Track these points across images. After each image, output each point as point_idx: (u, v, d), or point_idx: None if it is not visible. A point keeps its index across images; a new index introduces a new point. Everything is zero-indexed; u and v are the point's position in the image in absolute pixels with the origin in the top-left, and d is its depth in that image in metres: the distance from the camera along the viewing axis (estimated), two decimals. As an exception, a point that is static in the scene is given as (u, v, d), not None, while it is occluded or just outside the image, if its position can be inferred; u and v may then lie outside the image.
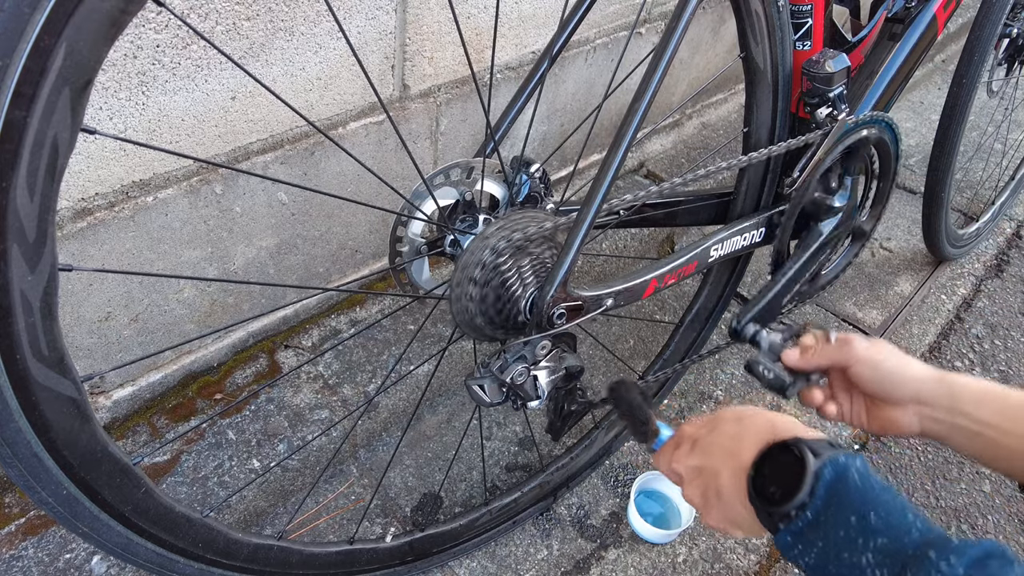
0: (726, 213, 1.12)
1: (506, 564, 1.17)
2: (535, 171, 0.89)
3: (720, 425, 0.70)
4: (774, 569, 1.22)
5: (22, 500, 1.08)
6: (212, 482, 1.14)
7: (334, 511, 1.20)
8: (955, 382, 0.68)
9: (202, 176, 1.06)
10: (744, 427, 0.66)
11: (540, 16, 1.42)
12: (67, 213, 0.95)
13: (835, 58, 0.96)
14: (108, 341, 1.10)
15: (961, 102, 1.51)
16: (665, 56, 0.76)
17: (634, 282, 0.90)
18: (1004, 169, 2.20)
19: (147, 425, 1.20)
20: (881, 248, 1.94)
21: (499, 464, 1.32)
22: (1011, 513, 1.35)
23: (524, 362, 0.81)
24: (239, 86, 1.02)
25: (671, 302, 1.72)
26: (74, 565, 1.02)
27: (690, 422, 0.76)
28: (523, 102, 0.96)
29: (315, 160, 1.19)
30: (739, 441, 0.65)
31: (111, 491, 0.65)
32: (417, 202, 0.81)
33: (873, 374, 0.73)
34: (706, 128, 2.23)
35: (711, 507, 0.67)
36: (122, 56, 0.87)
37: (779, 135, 1.04)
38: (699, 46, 1.98)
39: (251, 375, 1.30)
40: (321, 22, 1.05)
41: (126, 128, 0.93)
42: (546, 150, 1.70)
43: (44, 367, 0.55)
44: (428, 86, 1.29)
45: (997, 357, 1.67)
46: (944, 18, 1.12)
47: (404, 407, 1.34)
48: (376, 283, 1.51)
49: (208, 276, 1.17)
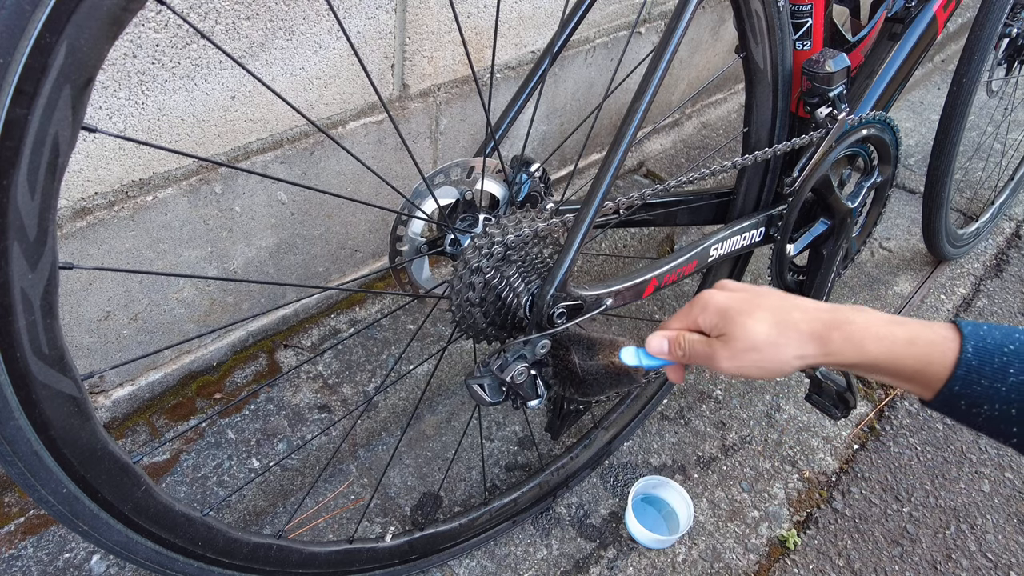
0: (726, 213, 1.12)
1: (505, 564, 1.17)
2: (535, 170, 0.89)
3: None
4: (774, 569, 1.22)
5: (22, 499, 1.08)
6: (212, 481, 1.14)
7: (333, 510, 1.20)
8: (839, 359, 0.63)
9: (202, 175, 1.06)
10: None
11: (540, 16, 1.42)
12: (67, 212, 0.95)
13: (835, 58, 0.97)
14: (107, 340, 1.10)
15: (961, 102, 1.51)
16: (665, 56, 0.76)
17: (634, 281, 0.90)
18: (1004, 169, 2.20)
19: (146, 424, 1.20)
20: (881, 248, 1.94)
21: (499, 464, 1.32)
22: (1011, 513, 1.35)
23: (524, 361, 0.81)
24: (239, 85, 1.02)
25: (671, 302, 1.72)
26: (73, 564, 1.02)
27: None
28: (523, 102, 0.96)
29: (315, 159, 1.19)
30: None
31: (111, 490, 0.65)
32: (417, 201, 0.82)
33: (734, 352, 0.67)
34: (706, 128, 2.23)
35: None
36: (122, 55, 0.87)
37: (779, 135, 1.04)
38: (699, 46, 1.98)
39: (251, 374, 1.30)
40: (321, 21, 1.05)
41: (126, 127, 0.93)
42: (546, 150, 1.70)
43: (44, 365, 0.55)
44: (428, 85, 1.29)
45: (996, 357, 1.67)
46: (944, 18, 1.12)
47: (404, 407, 1.34)
48: (376, 282, 1.51)
49: (208, 275, 1.17)
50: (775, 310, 0.65)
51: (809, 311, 0.65)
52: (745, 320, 0.65)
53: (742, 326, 0.65)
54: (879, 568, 1.24)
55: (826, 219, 1.16)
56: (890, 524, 1.31)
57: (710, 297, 0.69)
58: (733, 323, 0.66)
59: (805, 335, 0.64)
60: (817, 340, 0.63)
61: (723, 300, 0.68)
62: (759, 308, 0.66)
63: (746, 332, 0.65)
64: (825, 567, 1.24)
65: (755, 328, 0.64)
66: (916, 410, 1.53)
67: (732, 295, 0.68)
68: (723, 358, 0.66)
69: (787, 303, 0.66)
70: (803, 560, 1.24)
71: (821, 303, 0.67)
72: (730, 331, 0.66)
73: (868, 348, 0.61)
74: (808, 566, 1.23)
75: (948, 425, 1.50)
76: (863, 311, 0.64)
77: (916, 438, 1.48)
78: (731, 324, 0.66)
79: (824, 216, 1.16)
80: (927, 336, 0.60)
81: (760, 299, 0.67)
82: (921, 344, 0.60)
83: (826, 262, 1.17)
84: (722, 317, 0.67)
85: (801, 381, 1.53)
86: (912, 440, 1.47)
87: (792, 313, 0.65)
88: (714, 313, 0.68)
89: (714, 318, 0.68)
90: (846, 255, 1.23)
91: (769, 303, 0.66)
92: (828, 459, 1.40)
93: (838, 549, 1.27)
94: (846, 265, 1.30)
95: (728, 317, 0.66)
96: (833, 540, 1.28)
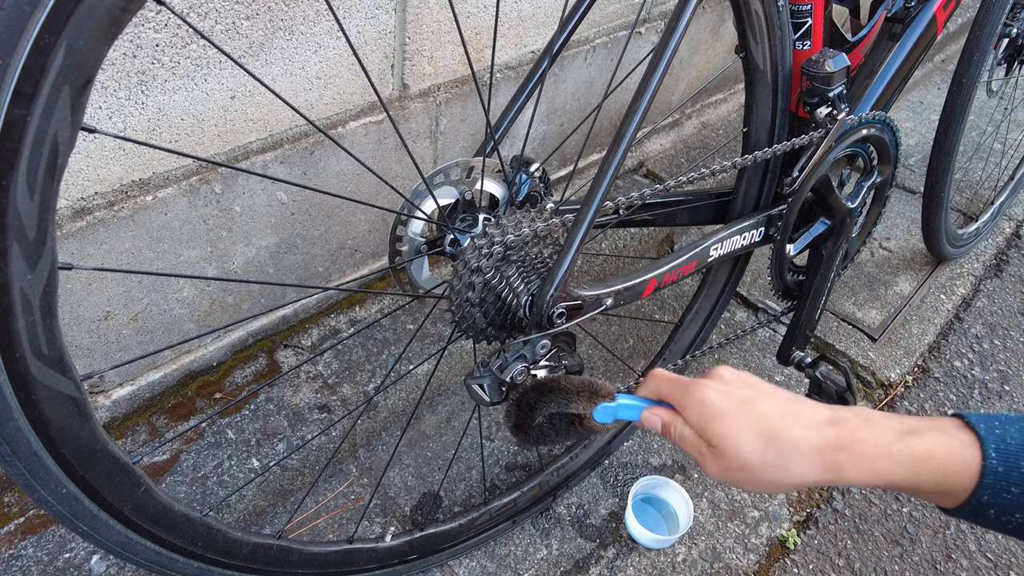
0: (726, 213, 1.12)
1: (505, 563, 1.17)
2: (535, 170, 0.89)
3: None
4: (773, 568, 1.22)
5: (21, 499, 1.08)
6: (211, 481, 1.14)
7: (333, 510, 1.20)
8: (853, 482, 0.57)
9: (202, 175, 1.06)
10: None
11: (540, 15, 1.42)
12: (66, 212, 0.95)
13: (835, 58, 0.96)
14: (107, 340, 1.10)
15: (961, 102, 1.51)
16: (665, 56, 0.76)
17: (634, 281, 0.90)
18: (1003, 169, 2.20)
19: (146, 424, 1.20)
20: (880, 248, 1.94)
21: (498, 464, 1.32)
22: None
23: (524, 361, 0.81)
24: (239, 85, 1.01)
25: (670, 301, 1.72)
26: (73, 564, 1.02)
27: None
28: (523, 101, 0.96)
29: (315, 159, 1.19)
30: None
31: (110, 490, 0.65)
32: (417, 201, 0.81)
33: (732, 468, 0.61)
34: (706, 128, 2.23)
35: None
36: (122, 55, 0.87)
37: (779, 135, 1.04)
38: (699, 46, 1.98)
39: (250, 374, 1.30)
40: (320, 21, 1.05)
41: (125, 127, 0.93)
42: (546, 149, 1.70)
43: (44, 366, 0.55)
44: (428, 85, 1.29)
45: (996, 357, 1.68)
46: (944, 18, 1.12)
47: (403, 406, 1.34)
48: (376, 282, 1.51)
49: (207, 275, 1.17)
50: (772, 424, 0.59)
51: (812, 426, 0.58)
52: (737, 440, 0.59)
53: (733, 445, 0.59)
54: (879, 568, 1.24)
55: (826, 219, 1.16)
56: (890, 524, 1.31)
57: (703, 394, 0.62)
58: (723, 440, 0.59)
59: (807, 458, 0.57)
60: (822, 463, 0.57)
61: (715, 401, 0.61)
62: (753, 421, 0.59)
63: (738, 452, 0.58)
64: (825, 567, 1.24)
65: (746, 449, 0.58)
66: (916, 410, 1.53)
67: (726, 396, 0.61)
68: (713, 470, 0.61)
69: (787, 413, 0.59)
70: (803, 560, 1.24)
71: (823, 409, 0.60)
72: (720, 445, 0.60)
73: (882, 470, 0.56)
74: (808, 566, 1.23)
75: (948, 425, 1.50)
76: (869, 420, 0.58)
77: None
78: (721, 439, 0.59)
79: (824, 216, 1.16)
80: (945, 445, 0.55)
81: (756, 404, 0.60)
82: (940, 457, 0.54)
83: (826, 262, 1.17)
84: (710, 423, 0.60)
85: (801, 381, 1.53)
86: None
87: (793, 429, 0.58)
88: (701, 416, 0.61)
89: (700, 421, 0.61)
90: (846, 255, 1.23)
91: (766, 411, 0.59)
92: (828, 459, 1.40)
93: (838, 549, 1.27)
94: (846, 265, 1.30)
95: (717, 431, 0.60)
96: (833, 540, 1.28)
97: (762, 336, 1.64)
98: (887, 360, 1.60)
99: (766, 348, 1.61)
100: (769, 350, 1.61)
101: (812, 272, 1.20)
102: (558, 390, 0.71)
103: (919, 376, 1.61)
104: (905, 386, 1.58)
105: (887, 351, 1.63)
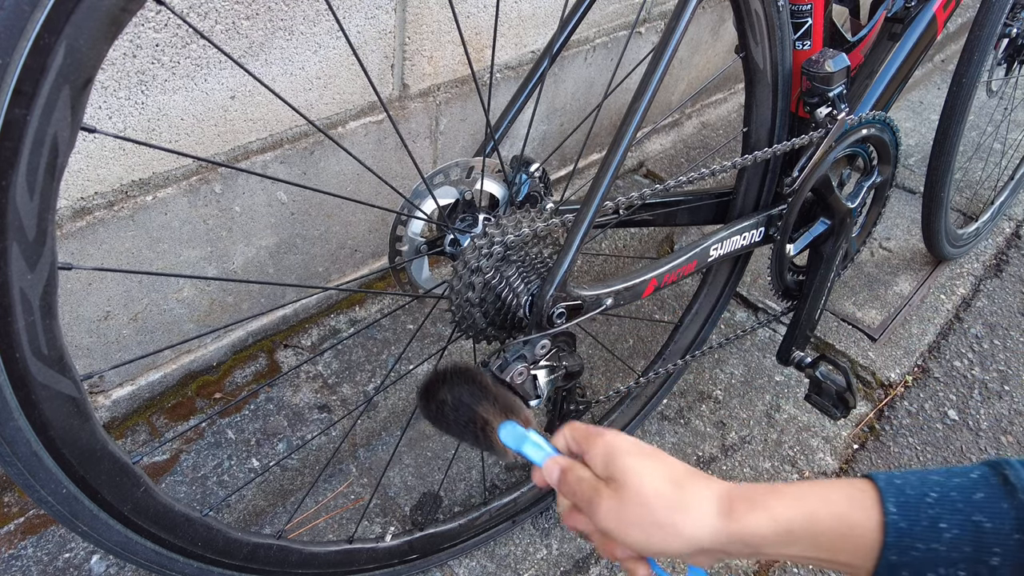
0: (725, 213, 1.12)
1: (505, 563, 1.17)
2: (535, 170, 0.89)
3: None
4: (773, 568, 1.22)
5: (21, 499, 1.08)
6: (211, 481, 1.14)
7: (333, 510, 1.20)
8: (750, 535, 0.53)
9: (201, 175, 1.06)
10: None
11: (540, 15, 1.42)
12: (66, 212, 0.95)
13: (835, 58, 0.96)
14: (107, 340, 1.10)
15: (961, 102, 1.51)
16: (665, 56, 0.76)
17: (634, 281, 0.90)
18: (1003, 169, 2.20)
19: (146, 424, 1.20)
20: (880, 248, 1.94)
21: (498, 464, 1.32)
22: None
23: (524, 361, 0.81)
24: (239, 85, 1.01)
25: (670, 301, 1.72)
26: (73, 564, 1.02)
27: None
28: (523, 101, 0.96)
29: (315, 159, 1.19)
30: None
31: (110, 490, 0.65)
32: (417, 201, 0.81)
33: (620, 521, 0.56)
34: (706, 128, 2.23)
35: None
36: (122, 55, 0.87)
37: (779, 135, 1.04)
38: (699, 46, 1.98)
39: (250, 374, 1.30)
40: (320, 21, 1.05)
41: (125, 127, 0.93)
42: (546, 149, 1.70)
43: (43, 366, 0.55)
44: (428, 85, 1.29)
45: (996, 357, 1.68)
46: (944, 18, 1.12)
47: (403, 406, 1.34)
48: (375, 282, 1.51)
49: (207, 275, 1.17)
50: (679, 473, 0.57)
51: (714, 481, 0.57)
52: (641, 476, 0.56)
53: (637, 479, 0.56)
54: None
55: (826, 219, 1.16)
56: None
57: (615, 437, 0.60)
58: (626, 473, 0.56)
59: (707, 505, 0.55)
60: (719, 507, 0.54)
61: (624, 443, 0.59)
62: (662, 465, 0.57)
63: (640, 486, 0.55)
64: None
65: (650, 484, 0.55)
66: (915, 410, 1.53)
67: (636, 444, 0.60)
68: (605, 509, 0.56)
69: (694, 471, 0.58)
70: (803, 560, 1.24)
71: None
72: (622, 479, 0.56)
73: (777, 512, 0.53)
74: (808, 566, 1.23)
75: (948, 425, 1.50)
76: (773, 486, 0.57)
77: (916, 438, 1.48)
78: (624, 472, 0.56)
79: (824, 216, 1.16)
80: (841, 490, 0.52)
81: (665, 457, 0.59)
82: (836, 502, 0.51)
83: (826, 262, 1.17)
84: (617, 458, 0.58)
85: (801, 381, 1.53)
86: (912, 440, 1.47)
87: (698, 480, 0.57)
88: (608, 454, 0.59)
89: (607, 458, 0.59)
90: (846, 255, 1.23)
91: (674, 463, 0.58)
92: (828, 459, 1.40)
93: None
94: (846, 265, 1.30)
95: (623, 464, 0.57)
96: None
97: (762, 336, 1.64)
98: (887, 360, 1.60)
99: (766, 348, 1.61)
100: (769, 350, 1.61)
101: (812, 272, 1.20)
102: (477, 383, 0.69)
103: (919, 376, 1.61)
104: (905, 386, 1.58)
105: (887, 351, 1.63)
